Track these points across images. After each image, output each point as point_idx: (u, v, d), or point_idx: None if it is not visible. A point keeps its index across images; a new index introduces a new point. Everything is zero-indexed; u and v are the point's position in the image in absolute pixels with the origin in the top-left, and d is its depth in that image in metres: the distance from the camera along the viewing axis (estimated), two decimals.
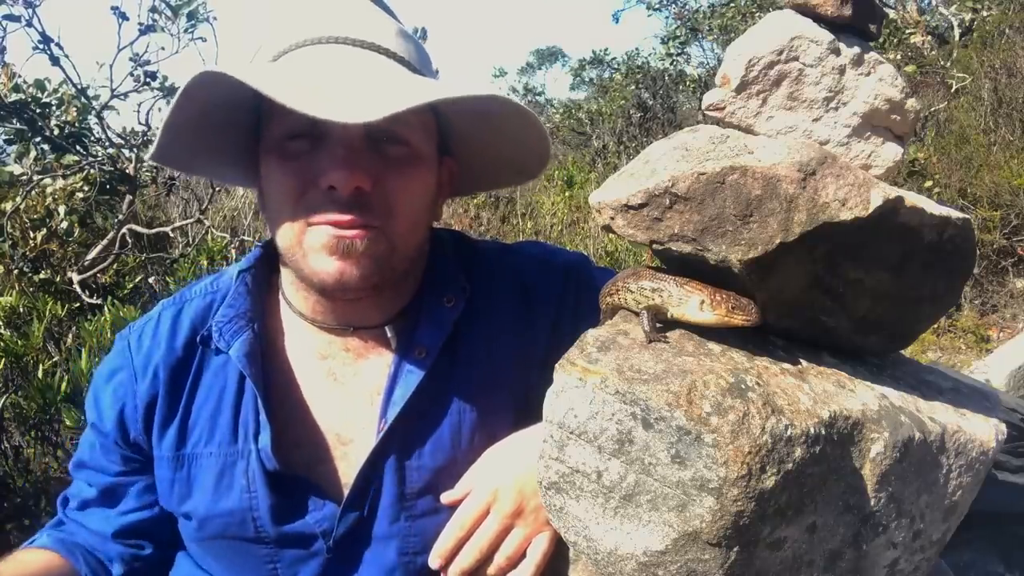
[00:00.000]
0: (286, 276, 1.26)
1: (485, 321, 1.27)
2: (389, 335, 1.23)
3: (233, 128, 1.19)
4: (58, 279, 3.77)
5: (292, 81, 1.03)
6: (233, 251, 4.11)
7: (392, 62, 1.16)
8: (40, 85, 3.82)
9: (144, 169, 4.18)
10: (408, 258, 1.19)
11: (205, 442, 1.20)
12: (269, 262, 1.29)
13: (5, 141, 3.90)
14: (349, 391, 1.23)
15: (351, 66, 1.12)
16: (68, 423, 2.54)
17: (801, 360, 0.99)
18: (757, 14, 10.02)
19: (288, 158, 1.12)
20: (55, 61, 3.57)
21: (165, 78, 4.01)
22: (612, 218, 0.96)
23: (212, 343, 1.22)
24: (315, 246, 1.11)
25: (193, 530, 1.21)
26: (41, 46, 3.52)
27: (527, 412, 1.17)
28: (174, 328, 1.25)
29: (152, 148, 1.14)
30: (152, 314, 1.29)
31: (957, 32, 10.03)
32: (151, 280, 3.94)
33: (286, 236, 1.13)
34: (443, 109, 1.20)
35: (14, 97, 3.63)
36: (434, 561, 1.14)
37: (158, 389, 1.22)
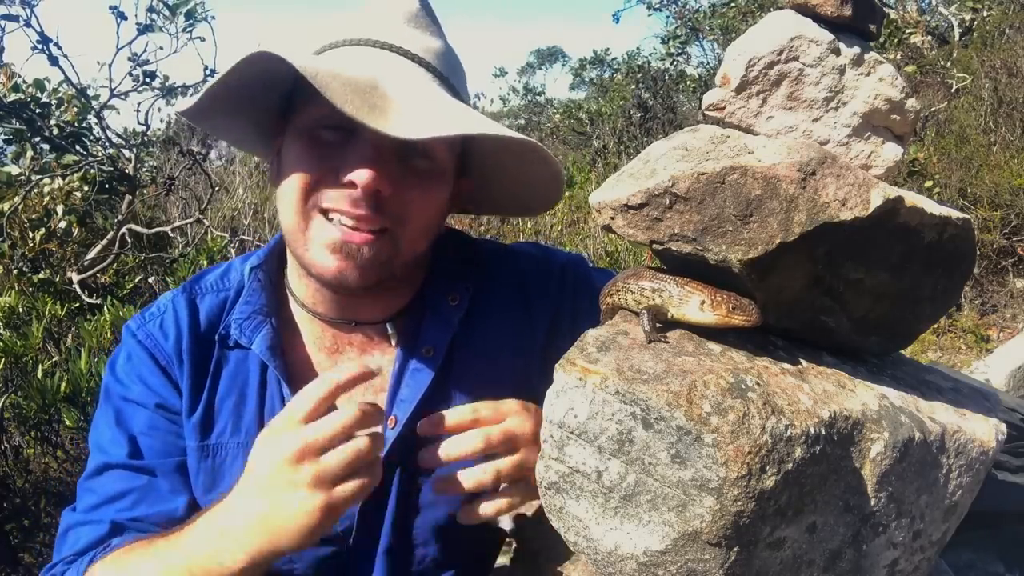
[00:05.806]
0: (291, 267, 1.28)
1: (485, 319, 1.29)
2: (390, 332, 1.26)
3: (263, 98, 1.21)
4: (58, 279, 3.77)
5: (345, 79, 1.04)
6: (232, 251, 4.12)
7: (435, 80, 1.19)
8: (39, 85, 3.82)
9: (144, 169, 4.19)
10: (408, 263, 1.21)
11: (231, 433, 1.21)
12: (278, 259, 1.31)
13: (4, 141, 3.90)
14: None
15: (399, 76, 1.14)
16: (68, 423, 2.54)
17: (801, 360, 0.98)
18: (758, 14, 10.01)
19: (317, 144, 1.14)
20: (54, 61, 3.57)
21: (166, 78, 4.02)
22: (612, 218, 0.96)
23: (231, 340, 1.23)
24: (320, 240, 1.14)
25: None
26: (40, 46, 3.51)
27: None
28: (193, 319, 1.26)
29: (187, 104, 1.16)
30: (163, 305, 1.28)
31: (957, 32, 10.03)
32: (151, 280, 3.93)
33: (291, 216, 1.16)
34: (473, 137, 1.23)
35: (13, 97, 3.63)
36: (423, 427, 1.11)
37: (185, 376, 1.23)
